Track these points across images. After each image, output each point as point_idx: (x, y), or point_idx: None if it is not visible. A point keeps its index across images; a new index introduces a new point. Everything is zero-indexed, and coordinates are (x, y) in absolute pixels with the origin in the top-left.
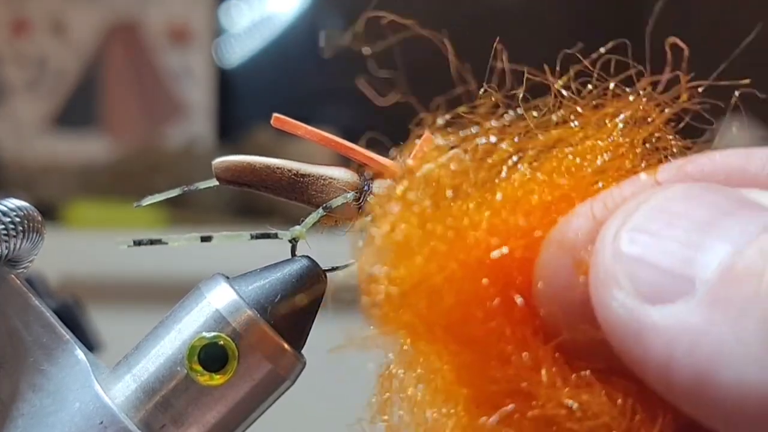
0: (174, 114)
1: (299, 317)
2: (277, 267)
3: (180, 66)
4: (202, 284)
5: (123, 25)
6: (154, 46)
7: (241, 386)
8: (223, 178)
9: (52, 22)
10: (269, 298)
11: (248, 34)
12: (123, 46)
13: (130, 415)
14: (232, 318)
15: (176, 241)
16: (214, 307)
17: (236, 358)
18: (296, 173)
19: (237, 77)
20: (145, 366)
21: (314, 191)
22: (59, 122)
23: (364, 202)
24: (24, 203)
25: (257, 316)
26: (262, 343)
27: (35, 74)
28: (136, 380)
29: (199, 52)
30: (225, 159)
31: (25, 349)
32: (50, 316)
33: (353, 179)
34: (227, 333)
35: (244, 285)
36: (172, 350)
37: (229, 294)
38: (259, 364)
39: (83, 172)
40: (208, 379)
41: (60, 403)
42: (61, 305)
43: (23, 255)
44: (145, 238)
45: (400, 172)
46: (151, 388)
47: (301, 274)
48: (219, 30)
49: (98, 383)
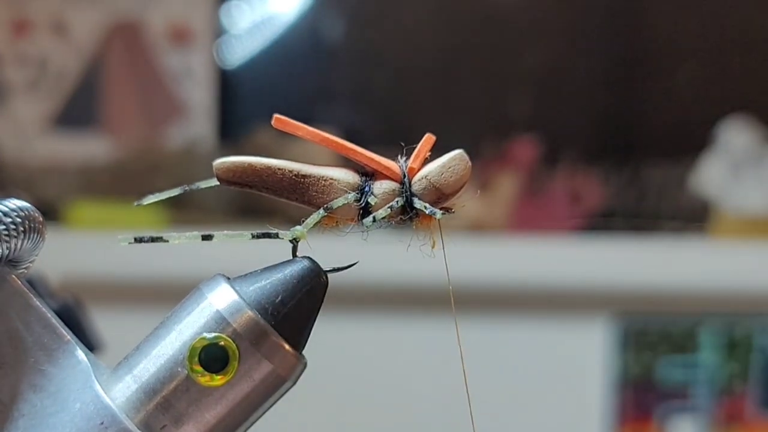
0: (175, 114)
1: (300, 318)
2: (278, 268)
3: (181, 66)
4: (202, 285)
5: (124, 25)
6: (155, 46)
7: (242, 387)
8: (224, 179)
9: (53, 23)
10: (270, 298)
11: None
12: (124, 46)
13: (130, 416)
14: (233, 319)
15: (177, 238)
16: (214, 307)
17: (237, 358)
18: (297, 174)
19: (238, 78)
20: (146, 367)
21: (315, 192)
22: (60, 122)
23: (365, 202)
24: (25, 203)
25: (258, 317)
26: (263, 343)
27: (36, 74)
28: (137, 381)
29: (200, 53)
30: (225, 159)
31: (26, 349)
32: (51, 316)
33: (354, 180)
34: (228, 334)
35: (245, 286)
36: (173, 351)
37: (229, 295)
38: (260, 364)
39: (84, 172)
40: (208, 379)
41: (61, 403)
42: (62, 305)
43: (24, 255)
44: (146, 236)
45: (402, 173)
46: (152, 388)
47: (302, 275)
48: (220, 30)
49: (99, 384)
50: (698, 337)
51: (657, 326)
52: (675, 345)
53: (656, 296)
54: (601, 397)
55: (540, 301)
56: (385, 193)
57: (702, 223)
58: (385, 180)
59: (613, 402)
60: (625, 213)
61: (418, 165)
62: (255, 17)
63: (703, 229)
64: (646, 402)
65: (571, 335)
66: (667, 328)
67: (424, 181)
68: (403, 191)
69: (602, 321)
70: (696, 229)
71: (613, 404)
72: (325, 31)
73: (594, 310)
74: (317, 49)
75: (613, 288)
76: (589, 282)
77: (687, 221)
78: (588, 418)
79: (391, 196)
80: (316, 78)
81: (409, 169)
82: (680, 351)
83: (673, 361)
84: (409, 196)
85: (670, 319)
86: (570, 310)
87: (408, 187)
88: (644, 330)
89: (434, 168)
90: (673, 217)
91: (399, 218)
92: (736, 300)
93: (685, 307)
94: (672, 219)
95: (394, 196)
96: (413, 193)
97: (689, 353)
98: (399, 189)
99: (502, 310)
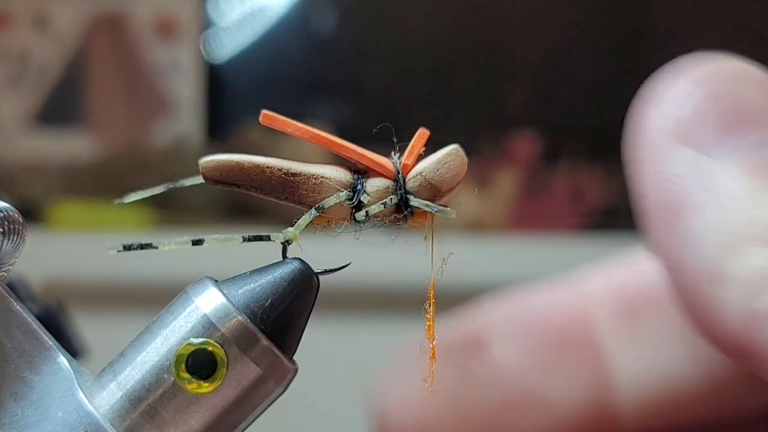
0: (161, 111)
1: (291, 322)
2: (268, 270)
3: (167, 61)
4: (189, 288)
5: (107, 18)
6: (140, 40)
7: (231, 394)
8: (210, 178)
9: (34, 16)
10: (259, 302)
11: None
12: (108, 40)
13: (115, 425)
14: (221, 323)
15: (167, 245)
16: (202, 311)
17: (225, 364)
18: (287, 172)
19: (226, 72)
20: (131, 373)
21: (305, 191)
22: (41, 119)
23: (358, 201)
24: (4, 204)
25: (247, 321)
26: (253, 349)
27: (16, 70)
28: (122, 388)
29: (186, 47)
30: (212, 158)
31: (6, 356)
32: (32, 321)
33: (346, 178)
34: (216, 339)
35: (234, 289)
36: (159, 357)
37: (217, 298)
38: (250, 370)
39: (67, 171)
40: (196, 386)
41: (43, 412)
42: (44, 310)
43: (4, 258)
44: (135, 243)
45: (395, 170)
46: (137, 396)
47: (292, 277)
48: (208, 23)
49: (82, 391)
50: None
51: None
52: None
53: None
54: None
55: None
56: (378, 190)
57: None
58: (378, 177)
59: None
60: (629, 211)
61: (412, 161)
62: (244, 9)
63: None
64: None
65: None
66: None
67: (418, 177)
68: (397, 189)
69: None
70: None
71: None
72: (317, 23)
73: None
74: (308, 42)
75: None
76: None
77: None
78: None
79: (384, 193)
80: (307, 72)
81: (403, 166)
82: None
83: None
84: (403, 193)
85: None
86: None
87: (402, 185)
88: None
89: (429, 164)
90: None
91: (393, 217)
92: None
93: None
94: None
95: (387, 193)
96: (408, 190)
97: None
98: (393, 186)
99: None
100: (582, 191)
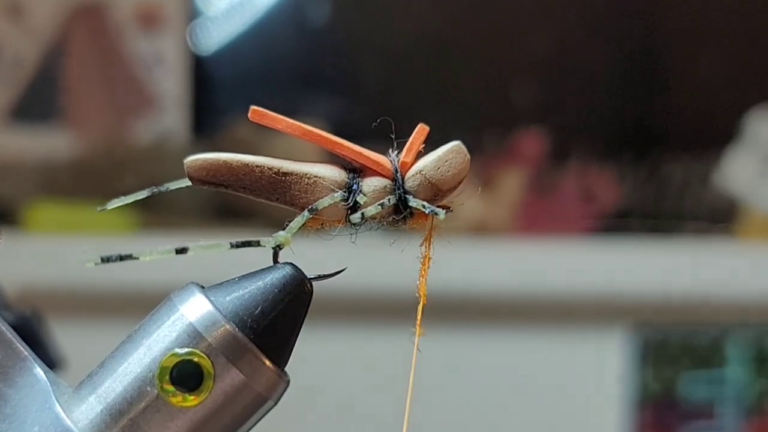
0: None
1: (282, 331)
2: (258, 275)
3: (150, 53)
4: (174, 295)
5: (87, 7)
6: (122, 30)
7: (218, 408)
8: (197, 178)
9: (8, 5)
10: (249, 310)
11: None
12: (87, 31)
13: None
14: (208, 332)
15: (149, 255)
16: (187, 320)
17: (212, 376)
18: (277, 171)
19: (214, 65)
20: (112, 386)
21: (298, 191)
22: (17, 115)
23: (354, 202)
24: None
25: (235, 330)
26: (241, 359)
27: None
28: (102, 401)
29: (171, 38)
30: (198, 157)
31: None
32: (6, 330)
33: (341, 177)
34: (202, 349)
35: (221, 296)
36: (142, 368)
37: (204, 306)
38: (238, 382)
39: (43, 170)
40: (181, 399)
41: (17, 426)
42: (19, 318)
43: None
44: (114, 254)
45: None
46: (118, 410)
47: (284, 283)
48: (194, 13)
49: (59, 405)
50: (725, 351)
51: (679, 338)
52: (699, 359)
53: (678, 305)
54: (617, 417)
55: (549, 311)
56: (375, 191)
57: (728, 224)
58: (375, 176)
59: (630, 422)
60: (644, 213)
61: (411, 159)
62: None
63: (729, 231)
64: (667, 422)
65: (584, 349)
66: (690, 340)
67: (418, 176)
68: (396, 188)
69: (619, 333)
70: (722, 230)
71: (631, 425)
72: (310, 12)
73: (609, 321)
74: (301, 33)
75: (630, 296)
76: (603, 290)
77: (712, 222)
78: None
79: (382, 194)
80: (300, 65)
81: (401, 164)
82: (705, 366)
83: (697, 376)
84: (402, 193)
85: (694, 331)
86: (583, 321)
87: (401, 184)
88: (665, 343)
89: (429, 162)
90: (696, 217)
91: (391, 218)
92: (766, 309)
93: (709, 317)
94: (695, 219)
95: (385, 193)
96: (407, 190)
97: (715, 368)
98: (391, 186)
99: (508, 321)
100: (593, 192)
